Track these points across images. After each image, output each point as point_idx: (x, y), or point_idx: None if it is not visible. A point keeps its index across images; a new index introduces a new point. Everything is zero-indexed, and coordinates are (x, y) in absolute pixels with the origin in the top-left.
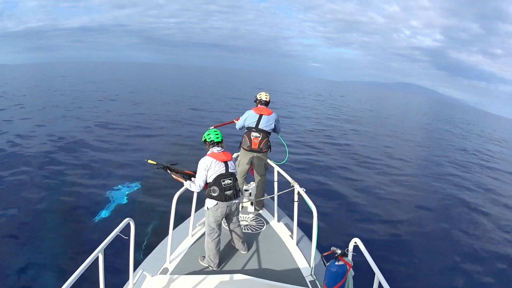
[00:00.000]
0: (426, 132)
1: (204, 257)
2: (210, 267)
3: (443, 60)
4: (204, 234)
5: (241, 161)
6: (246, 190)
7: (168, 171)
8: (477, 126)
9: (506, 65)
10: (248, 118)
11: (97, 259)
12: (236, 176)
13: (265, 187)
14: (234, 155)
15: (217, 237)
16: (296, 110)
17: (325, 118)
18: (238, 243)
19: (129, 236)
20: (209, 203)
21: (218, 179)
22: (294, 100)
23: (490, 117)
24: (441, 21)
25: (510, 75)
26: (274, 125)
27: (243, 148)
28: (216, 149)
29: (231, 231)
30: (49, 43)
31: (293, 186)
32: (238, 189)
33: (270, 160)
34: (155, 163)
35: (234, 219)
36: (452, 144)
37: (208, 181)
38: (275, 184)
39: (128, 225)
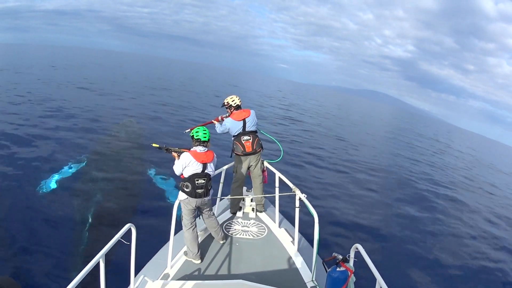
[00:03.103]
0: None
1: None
2: (192, 260)
3: (413, 71)
4: (204, 239)
5: (238, 167)
6: (247, 196)
7: (167, 152)
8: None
9: (478, 81)
10: (233, 128)
11: (97, 264)
12: (211, 176)
13: (265, 191)
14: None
15: (191, 227)
16: (279, 111)
17: (313, 120)
18: (213, 233)
19: (130, 241)
20: (181, 195)
21: (193, 177)
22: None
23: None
24: (415, 33)
25: (481, 91)
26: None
27: (237, 154)
28: (199, 148)
29: (206, 222)
30: (24, 24)
31: (294, 192)
32: (210, 188)
33: (268, 163)
34: (158, 146)
35: (207, 211)
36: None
37: (184, 175)
38: (276, 190)
39: (129, 231)
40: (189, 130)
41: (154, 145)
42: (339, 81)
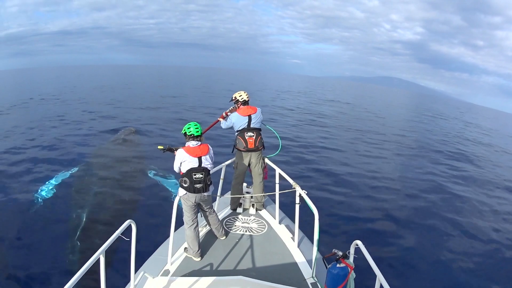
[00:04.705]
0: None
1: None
2: (192, 257)
3: (425, 53)
4: (204, 235)
5: (239, 162)
6: (247, 193)
7: (169, 151)
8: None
9: (489, 56)
10: (237, 122)
11: (98, 261)
12: (210, 171)
13: (265, 188)
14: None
15: (193, 224)
16: (283, 108)
17: (315, 116)
18: (214, 230)
19: (130, 237)
20: (180, 191)
21: (190, 172)
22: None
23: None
24: (422, 14)
25: (493, 66)
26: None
27: (239, 150)
28: (192, 143)
29: (207, 219)
30: (30, 48)
31: (294, 188)
32: (209, 183)
33: (268, 159)
34: (162, 147)
35: (207, 208)
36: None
37: (182, 171)
38: (277, 186)
39: (129, 227)
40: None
41: (159, 147)
42: (352, 70)
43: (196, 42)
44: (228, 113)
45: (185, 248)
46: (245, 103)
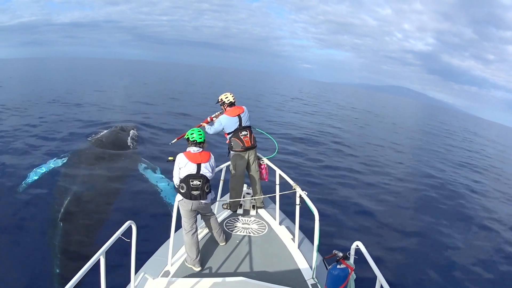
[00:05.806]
0: (420, 132)
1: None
2: (192, 267)
3: (435, 64)
4: (204, 236)
5: (237, 164)
6: (248, 194)
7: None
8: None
9: (499, 71)
10: (229, 124)
11: (98, 262)
12: (209, 178)
13: (265, 189)
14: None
15: (190, 231)
16: (290, 110)
17: (323, 118)
18: (215, 234)
19: (130, 238)
20: (178, 196)
21: (187, 178)
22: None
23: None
24: (434, 25)
25: (503, 80)
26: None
27: (236, 151)
28: (193, 149)
29: (206, 224)
30: (42, 38)
31: (294, 189)
32: (207, 191)
33: (268, 160)
34: (172, 158)
35: (207, 214)
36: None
37: (180, 177)
38: (277, 187)
39: (130, 228)
40: (175, 140)
41: (169, 158)
42: (363, 78)
43: (208, 41)
44: (214, 118)
45: (185, 258)
46: (231, 104)
